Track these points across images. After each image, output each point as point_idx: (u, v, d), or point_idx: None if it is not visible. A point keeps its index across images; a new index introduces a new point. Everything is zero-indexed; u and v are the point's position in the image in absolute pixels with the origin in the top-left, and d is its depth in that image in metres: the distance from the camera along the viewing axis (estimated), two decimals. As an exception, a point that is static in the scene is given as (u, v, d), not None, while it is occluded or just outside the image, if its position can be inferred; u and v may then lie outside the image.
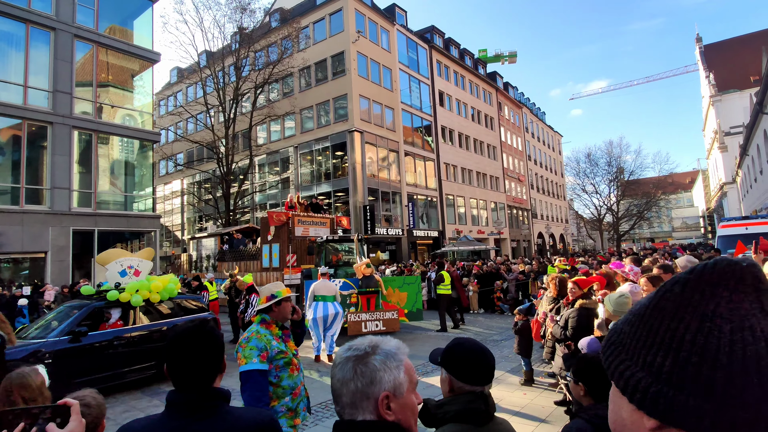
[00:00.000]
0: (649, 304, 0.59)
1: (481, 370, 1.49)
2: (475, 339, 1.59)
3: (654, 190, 46.62)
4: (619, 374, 0.58)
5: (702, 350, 0.50)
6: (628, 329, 0.60)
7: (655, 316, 0.57)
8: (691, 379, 0.50)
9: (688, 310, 0.54)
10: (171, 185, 37.88)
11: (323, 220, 15.63)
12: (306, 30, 28.77)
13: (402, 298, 10.68)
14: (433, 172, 32.04)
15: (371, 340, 1.10)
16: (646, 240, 63.21)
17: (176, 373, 1.30)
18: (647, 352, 0.55)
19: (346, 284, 10.35)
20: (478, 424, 1.41)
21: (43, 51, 15.27)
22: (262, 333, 2.68)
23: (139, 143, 18.29)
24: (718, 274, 0.54)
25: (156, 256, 18.68)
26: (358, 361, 1.05)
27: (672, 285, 0.57)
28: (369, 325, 9.35)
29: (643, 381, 0.54)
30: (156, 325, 7.46)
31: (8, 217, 13.80)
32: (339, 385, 1.06)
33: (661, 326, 0.55)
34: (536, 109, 54.57)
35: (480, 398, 1.45)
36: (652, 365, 0.54)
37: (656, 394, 0.52)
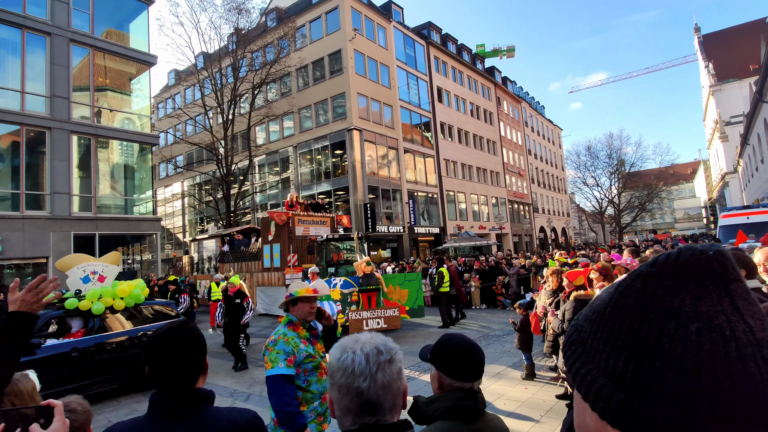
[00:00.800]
0: (609, 300, 0.53)
1: (470, 366, 1.48)
2: (464, 335, 1.58)
3: (655, 182, 46.51)
4: (581, 378, 0.52)
5: (667, 355, 0.45)
6: (588, 328, 0.55)
7: (615, 315, 0.51)
8: (656, 388, 0.45)
9: (651, 308, 0.48)
10: (171, 188, 37.93)
11: (323, 219, 15.62)
12: (302, 29, 28.71)
13: (403, 295, 10.67)
14: (433, 169, 32.00)
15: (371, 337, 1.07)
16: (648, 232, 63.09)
17: (157, 374, 1.29)
18: (608, 355, 0.50)
19: (347, 282, 10.38)
20: (467, 421, 1.40)
21: (39, 56, 15.27)
22: (289, 336, 2.58)
23: (138, 146, 18.30)
24: (683, 266, 0.48)
25: (157, 259, 18.72)
26: (395, 361, 1.03)
27: (633, 279, 0.51)
28: (370, 323, 9.32)
29: (606, 388, 0.49)
30: (120, 333, 7.00)
31: (9, 223, 13.84)
32: (383, 392, 0.99)
33: (623, 327, 0.50)
34: (535, 103, 54.42)
35: (469, 395, 1.43)
36: (614, 371, 0.49)
37: (620, 404, 0.47)
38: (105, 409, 6.30)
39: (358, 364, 0.99)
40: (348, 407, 0.99)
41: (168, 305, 8.33)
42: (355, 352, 1.01)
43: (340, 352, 1.03)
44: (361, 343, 1.04)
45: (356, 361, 1.00)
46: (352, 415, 0.99)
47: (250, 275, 15.49)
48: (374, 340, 1.05)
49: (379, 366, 1.00)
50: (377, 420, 0.99)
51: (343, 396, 0.99)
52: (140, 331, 7.17)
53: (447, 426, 1.38)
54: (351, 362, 1.00)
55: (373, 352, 1.01)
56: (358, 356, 1.01)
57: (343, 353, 1.02)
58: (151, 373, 1.31)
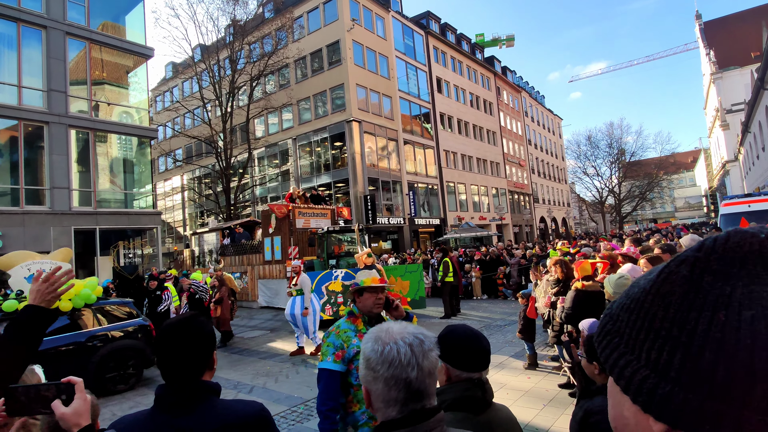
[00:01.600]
0: (650, 288, 0.49)
1: (477, 355, 1.46)
2: (467, 324, 1.57)
3: (656, 171, 46.40)
4: (620, 370, 0.49)
5: (718, 345, 0.42)
6: (625, 317, 0.51)
7: (658, 303, 0.47)
8: (705, 380, 0.42)
9: (699, 296, 0.45)
10: (171, 181, 37.86)
11: (324, 212, 15.60)
12: (300, 20, 28.45)
13: (404, 286, 10.64)
14: (433, 160, 31.90)
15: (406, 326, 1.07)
16: (648, 221, 63.05)
17: (164, 366, 1.28)
18: (651, 345, 0.46)
19: (348, 274, 10.37)
20: (475, 412, 1.39)
21: (35, 50, 15.14)
22: (343, 328, 2.41)
23: (137, 140, 18.22)
24: (733, 250, 0.45)
25: (158, 253, 18.73)
26: (435, 348, 1.04)
27: (677, 266, 0.48)
28: None
29: (649, 380, 0.46)
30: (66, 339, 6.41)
31: (9, 219, 13.82)
32: (429, 379, 1.01)
33: (667, 315, 0.46)
34: (535, 92, 54.10)
35: (477, 385, 1.42)
36: (658, 362, 0.45)
37: (664, 396, 0.44)
38: (109, 402, 6.34)
39: (405, 355, 0.99)
40: (396, 398, 0.99)
41: (126, 304, 7.57)
42: (397, 342, 1.01)
43: (381, 345, 1.02)
44: (397, 333, 1.03)
45: (401, 352, 0.99)
46: (399, 405, 1.00)
47: (252, 268, 15.48)
48: (408, 330, 1.05)
49: (424, 355, 1.01)
50: (423, 404, 1.00)
51: (391, 388, 0.99)
52: (88, 335, 6.63)
53: (455, 417, 1.36)
54: (396, 353, 0.99)
55: (416, 342, 1.02)
56: (402, 347, 1.00)
57: (384, 346, 1.02)
58: (158, 365, 1.31)
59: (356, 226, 11.89)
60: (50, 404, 1.07)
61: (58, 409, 1.07)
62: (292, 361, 7.87)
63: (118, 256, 17.86)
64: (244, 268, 15.86)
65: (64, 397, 1.09)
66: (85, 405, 1.11)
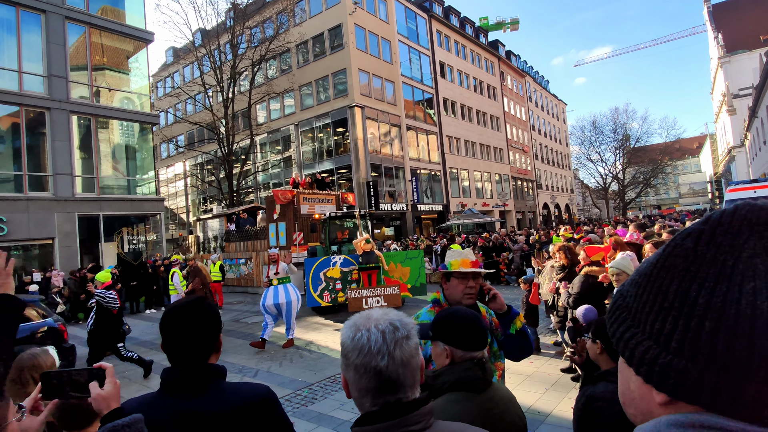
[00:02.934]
0: (657, 261, 0.50)
1: (479, 334, 1.50)
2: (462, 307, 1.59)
3: (661, 157, 46.03)
4: (624, 342, 0.50)
5: (718, 315, 0.42)
6: (633, 291, 0.52)
7: (663, 275, 0.48)
8: (705, 350, 0.42)
9: (702, 267, 0.45)
10: (173, 168, 37.83)
11: (329, 197, 15.54)
12: (301, 3, 28.03)
13: (405, 273, 10.50)
14: (436, 146, 31.71)
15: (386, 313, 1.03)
16: (652, 207, 62.87)
17: (170, 348, 1.29)
18: (655, 317, 0.47)
19: (347, 260, 10.28)
20: (476, 392, 1.41)
21: (35, 34, 15.00)
22: (425, 320, 2.07)
23: (139, 126, 18.16)
24: (739, 222, 0.45)
25: (162, 239, 18.82)
26: (412, 336, 1.00)
27: (683, 238, 0.48)
28: (370, 302, 9.20)
29: (650, 351, 0.46)
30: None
31: (13, 205, 13.87)
32: (402, 369, 0.95)
33: (671, 287, 0.46)
34: (540, 77, 53.44)
35: (477, 365, 1.44)
36: (660, 332, 0.46)
37: (665, 366, 0.45)
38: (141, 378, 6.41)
39: (375, 342, 0.95)
40: (367, 387, 0.96)
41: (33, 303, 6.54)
42: (370, 329, 0.97)
43: (354, 331, 0.99)
44: (374, 320, 0.99)
45: (372, 339, 0.96)
46: (372, 395, 0.96)
47: (256, 254, 15.53)
48: (388, 316, 1.01)
49: (396, 343, 0.96)
50: (399, 398, 0.96)
51: (361, 376, 0.96)
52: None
53: (456, 398, 1.38)
54: (367, 341, 0.96)
55: (389, 329, 0.97)
56: (373, 334, 0.96)
57: (357, 332, 0.98)
58: (164, 347, 1.31)
59: (357, 211, 11.80)
60: (83, 388, 1.13)
61: (94, 390, 1.13)
62: (296, 346, 7.95)
63: (122, 242, 17.96)
64: (249, 254, 15.90)
65: (95, 382, 1.15)
66: (115, 389, 1.16)
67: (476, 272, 2.13)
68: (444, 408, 1.35)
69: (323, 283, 10.15)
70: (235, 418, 1.23)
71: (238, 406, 1.25)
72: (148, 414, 1.19)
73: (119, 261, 15.57)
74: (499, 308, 2.16)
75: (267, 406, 1.31)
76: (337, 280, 10.17)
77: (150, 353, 8.31)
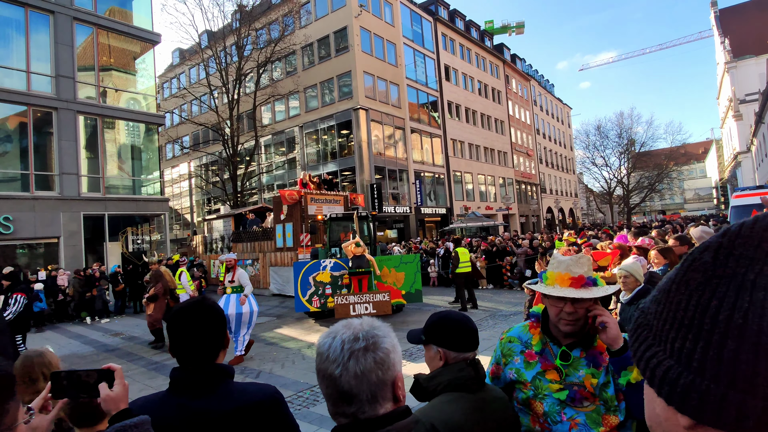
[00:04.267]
0: (675, 277, 0.47)
1: (469, 336, 1.51)
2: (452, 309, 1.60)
3: (666, 162, 45.82)
4: (645, 362, 0.47)
5: (740, 332, 0.40)
6: (654, 308, 0.50)
7: (681, 291, 0.46)
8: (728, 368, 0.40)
9: (722, 282, 0.43)
10: (178, 168, 38.00)
11: (337, 198, 15.34)
12: (307, 5, 28.16)
13: (399, 278, 9.87)
14: (440, 149, 31.72)
15: (361, 323, 1.02)
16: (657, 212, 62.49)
17: (178, 349, 1.30)
18: (675, 335, 0.45)
19: (338, 264, 9.82)
20: (470, 391, 1.42)
21: (43, 35, 15.13)
22: (510, 335, 1.76)
23: (145, 127, 18.26)
24: (759, 234, 0.43)
25: (166, 239, 18.89)
26: (374, 349, 0.97)
27: (701, 252, 0.46)
28: (357, 308, 8.68)
29: (672, 371, 0.44)
30: None
31: (20, 204, 13.97)
32: (356, 381, 0.93)
33: (690, 303, 0.44)
34: (545, 81, 53.39)
35: (470, 365, 1.46)
36: (681, 351, 0.43)
37: (686, 387, 0.42)
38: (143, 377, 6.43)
39: (333, 350, 0.96)
40: (327, 393, 0.97)
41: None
42: (335, 337, 0.98)
43: (324, 336, 1.01)
44: (346, 328, 1.00)
45: (332, 346, 0.96)
46: (331, 403, 0.97)
47: (263, 255, 15.43)
48: (360, 326, 1.00)
49: (352, 354, 0.94)
50: (354, 411, 0.94)
51: (321, 381, 0.98)
52: None
53: (451, 398, 1.40)
54: (327, 348, 0.97)
55: (349, 339, 0.96)
56: (335, 342, 0.97)
57: (326, 337, 1.00)
58: (172, 349, 1.32)
59: (354, 212, 11.38)
60: (92, 389, 1.15)
61: (104, 390, 1.14)
62: (299, 347, 7.96)
63: (126, 242, 18.03)
64: (256, 255, 15.81)
65: (104, 383, 1.17)
66: (124, 390, 1.17)
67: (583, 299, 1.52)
68: (438, 408, 1.37)
69: (312, 287, 9.68)
70: (243, 417, 1.25)
71: (245, 406, 1.26)
72: (157, 413, 1.21)
73: (124, 261, 15.66)
74: (610, 343, 1.54)
75: (274, 406, 1.32)
76: (327, 285, 9.68)
77: (153, 353, 8.34)
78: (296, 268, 9.86)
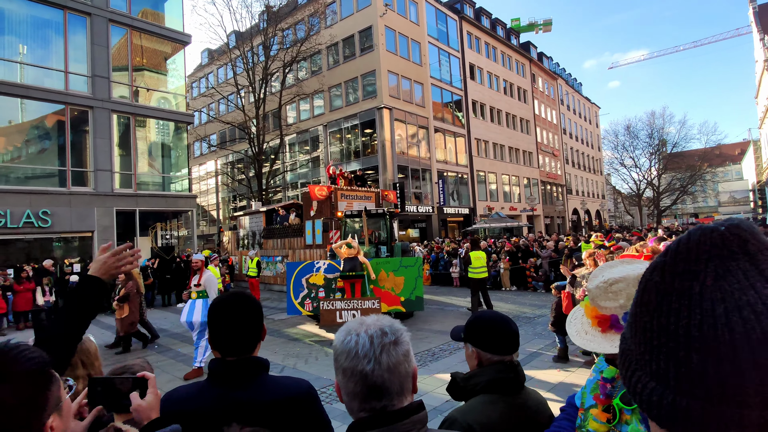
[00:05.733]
0: (637, 300, 0.49)
1: (508, 338, 1.48)
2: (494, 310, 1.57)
3: (699, 163, 44.21)
4: (633, 386, 0.48)
5: (699, 344, 0.41)
6: (629, 333, 0.51)
7: (643, 312, 0.47)
8: (699, 383, 0.41)
9: (673, 299, 0.44)
10: (205, 166, 38.89)
11: (368, 194, 14.98)
12: (332, 5, 28.36)
13: (398, 283, 8.93)
14: (464, 148, 31.45)
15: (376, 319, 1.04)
16: (689, 215, 60.46)
17: (219, 341, 1.33)
18: (650, 357, 0.46)
19: (332, 266, 9.16)
20: (508, 394, 1.40)
21: (80, 36, 15.72)
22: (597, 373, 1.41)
23: (174, 125, 18.76)
24: (695, 248, 0.45)
25: (193, 235, 19.36)
26: (402, 342, 1.00)
27: (650, 273, 0.48)
28: (344, 315, 8.15)
29: (655, 392, 0.45)
30: None
31: (57, 198, 14.57)
32: (388, 375, 0.95)
33: (653, 323, 0.46)
34: (572, 80, 52.23)
35: (509, 367, 1.44)
36: (658, 372, 0.45)
37: (670, 407, 0.43)
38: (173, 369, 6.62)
39: (362, 347, 0.97)
40: (354, 391, 0.97)
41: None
42: (359, 334, 0.99)
43: (345, 335, 1.01)
44: (366, 325, 1.01)
45: (360, 343, 0.97)
46: (359, 400, 0.97)
47: (293, 252, 15.22)
48: (379, 322, 1.02)
49: (383, 348, 0.96)
50: (384, 405, 0.96)
51: (348, 380, 0.97)
52: None
53: (488, 399, 1.38)
54: (354, 344, 0.97)
55: (377, 334, 0.98)
56: (362, 338, 0.98)
57: (347, 335, 1.00)
58: (212, 341, 1.34)
59: (364, 210, 10.76)
60: (126, 397, 1.16)
61: (135, 400, 1.15)
62: (321, 344, 8.03)
63: (156, 236, 18.56)
64: (286, 252, 15.62)
65: (138, 391, 1.18)
66: (156, 400, 1.18)
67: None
68: (476, 408, 1.36)
69: (305, 290, 9.15)
70: (279, 409, 1.27)
71: (282, 399, 1.29)
72: (197, 402, 1.25)
73: (153, 255, 16.13)
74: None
75: (309, 401, 1.35)
76: (321, 288, 9.10)
77: (180, 345, 8.57)
78: (289, 269, 9.40)
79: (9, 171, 14.47)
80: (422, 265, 9.14)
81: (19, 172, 14.65)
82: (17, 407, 0.75)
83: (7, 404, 0.74)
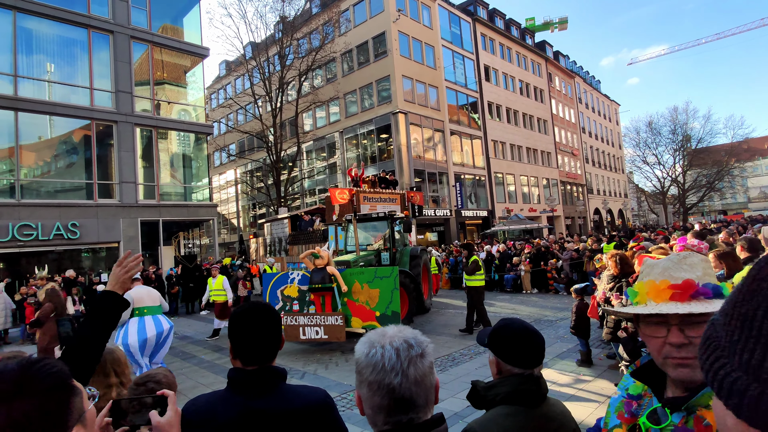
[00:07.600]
0: (743, 287, 0.46)
1: (528, 352, 1.43)
2: (523, 319, 1.55)
3: (726, 158, 42.83)
4: (713, 374, 0.46)
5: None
6: (722, 320, 0.49)
7: (749, 300, 0.45)
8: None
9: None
10: (225, 175, 39.62)
11: (393, 197, 14.42)
12: (346, 13, 28.65)
13: (373, 296, 7.98)
14: (481, 150, 31.25)
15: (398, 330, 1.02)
16: (717, 213, 58.51)
17: (241, 352, 1.36)
18: (744, 346, 0.44)
19: (306, 277, 8.41)
20: (529, 406, 1.37)
21: (104, 54, 16.29)
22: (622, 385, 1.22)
23: (195, 136, 19.21)
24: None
25: (215, 243, 19.72)
26: (426, 355, 0.98)
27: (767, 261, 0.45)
28: (308, 332, 7.66)
29: (740, 382, 0.43)
30: None
31: (85, 211, 15.07)
32: (416, 388, 0.94)
33: (757, 313, 0.43)
34: (590, 77, 51.39)
35: (530, 380, 1.40)
36: (750, 363, 0.42)
37: (755, 399, 0.41)
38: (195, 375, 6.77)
39: (389, 360, 0.94)
40: (380, 405, 0.95)
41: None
42: (384, 346, 0.97)
43: (368, 347, 0.99)
44: (389, 337, 0.99)
45: (386, 356, 0.95)
46: (384, 414, 0.95)
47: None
48: (403, 334, 1.01)
49: (410, 361, 0.95)
50: (411, 418, 0.94)
51: (374, 393, 0.95)
52: None
53: (509, 411, 1.34)
54: (381, 357, 0.95)
55: (404, 347, 0.97)
56: (387, 351, 0.96)
57: (371, 348, 0.98)
58: (235, 350, 1.38)
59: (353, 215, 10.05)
60: (147, 414, 1.20)
61: (155, 418, 1.19)
62: (342, 350, 8.06)
63: (179, 245, 18.95)
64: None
65: (159, 409, 1.21)
66: (176, 417, 1.22)
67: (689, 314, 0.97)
68: (495, 421, 1.32)
69: (280, 302, 8.56)
70: (297, 419, 1.30)
71: (299, 407, 1.32)
72: (219, 410, 1.29)
73: (176, 263, 16.49)
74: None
75: (326, 409, 1.37)
76: (295, 300, 8.47)
77: (204, 352, 8.73)
78: (265, 281, 8.91)
79: (40, 185, 15.05)
80: (398, 276, 7.96)
81: (49, 186, 15.23)
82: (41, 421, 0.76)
83: (31, 418, 0.75)
